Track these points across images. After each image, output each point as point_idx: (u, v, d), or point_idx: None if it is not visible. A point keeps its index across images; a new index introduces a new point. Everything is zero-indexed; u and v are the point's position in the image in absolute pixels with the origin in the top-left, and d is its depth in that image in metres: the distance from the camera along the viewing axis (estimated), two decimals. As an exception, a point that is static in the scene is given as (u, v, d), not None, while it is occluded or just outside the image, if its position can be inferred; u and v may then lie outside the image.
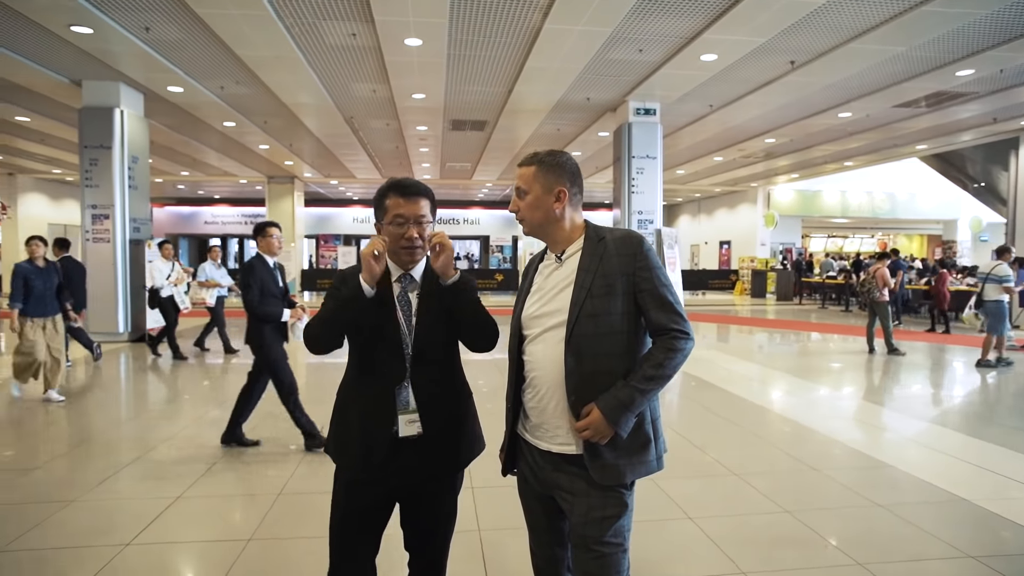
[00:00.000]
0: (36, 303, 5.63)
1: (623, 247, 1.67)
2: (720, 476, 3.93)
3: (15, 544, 2.95)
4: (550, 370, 1.66)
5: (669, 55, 8.14)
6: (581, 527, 1.64)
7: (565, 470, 1.68)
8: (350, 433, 1.85)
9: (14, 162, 16.67)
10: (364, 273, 1.75)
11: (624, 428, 1.60)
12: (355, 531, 1.85)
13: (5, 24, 7.00)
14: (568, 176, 1.72)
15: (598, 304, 1.63)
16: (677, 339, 1.62)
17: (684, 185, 21.60)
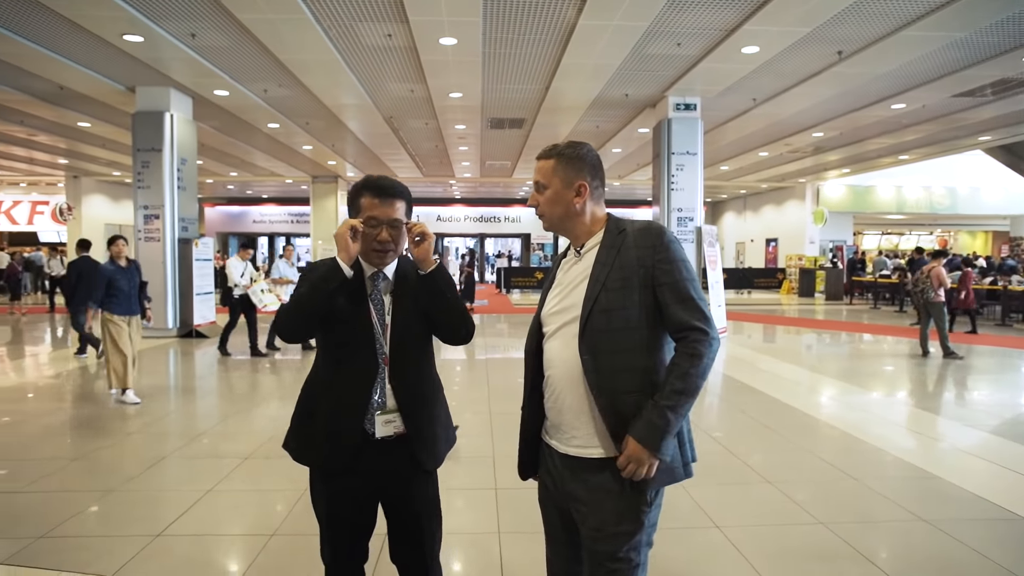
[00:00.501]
0: (122, 302, 5.63)
1: (642, 238, 1.59)
2: (752, 483, 3.79)
3: (56, 530, 3.09)
4: (565, 368, 1.60)
5: (708, 48, 7.92)
6: (592, 541, 1.58)
7: (582, 477, 1.60)
8: (314, 432, 1.82)
9: (78, 165, 17.58)
10: (341, 252, 1.73)
11: (665, 452, 1.50)
12: (344, 531, 1.85)
13: (66, 35, 7.36)
14: (589, 169, 1.65)
15: (613, 298, 1.55)
16: (699, 342, 1.51)
17: (728, 182, 21.05)
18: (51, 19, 6.89)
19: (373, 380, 1.79)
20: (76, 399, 6.16)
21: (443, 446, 1.95)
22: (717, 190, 24.17)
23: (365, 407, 1.78)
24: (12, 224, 22.24)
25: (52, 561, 2.79)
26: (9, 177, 20.03)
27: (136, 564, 2.75)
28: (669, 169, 10.10)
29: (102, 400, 5.93)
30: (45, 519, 3.22)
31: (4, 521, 3.22)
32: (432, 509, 1.94)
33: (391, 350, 1.82)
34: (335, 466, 1.79)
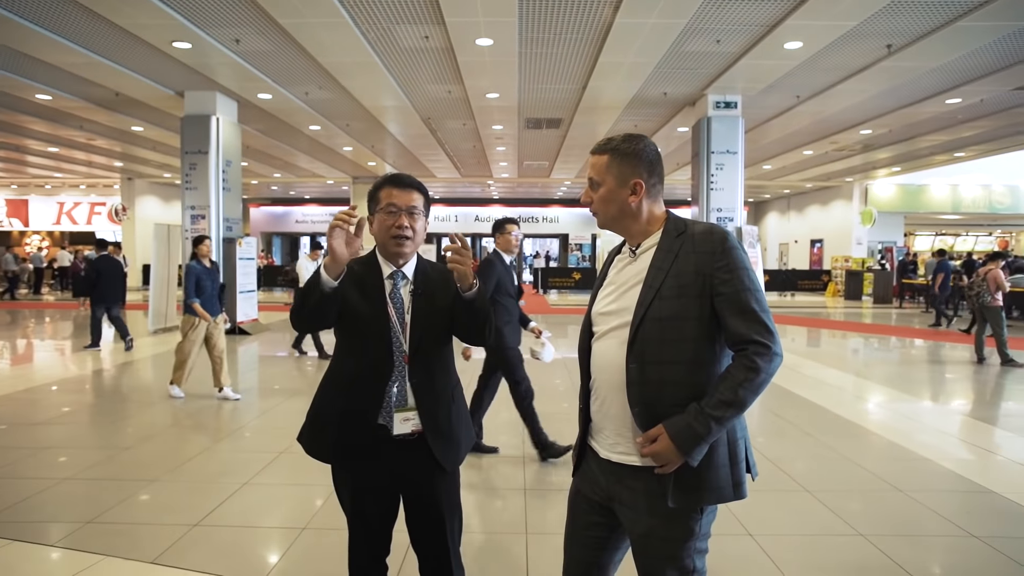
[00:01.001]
0: (206, 302, 5.71)
1: (702, 244, 1.47)
2: (789, 491, 3.68)
3: (103, 516, 3.23)
4: (611, 372, 1.53)
5: (749, 45, 7.74)
6: (642, 547, 1.53)
7: (626, 483, 1.52)
8: (328, 426, 1.84)
9: (132, 168, 18.36)
10: (327, 259, 1.69)
11: (694, 458, 1.43)
12: (367, 526, 1.87)
13: (119, 43, 7.70)
14: (646, 166, 1.54)
15: (667, 306, 1.45)
16: (760, 355, 1.40)
17: (772, 181, 20.54)
18: (108, 29, 7.21)
19: (391, 378, 1.80)
20: (128, 391, 6.43)
21: (463, 445, 1.94)
22: (760, 190, 23.61)
23: (381, 404, 1.79)
24: (72, 224, 23.40)
25: (97, 545, 2.91)
26: (70, 180, 21.07)
27: (173, 552, 2.84)
28: (708, 168, 9.91)
29: (151, 392, 6.17)
30: (94, 505, 3.37)
31: (58, 506, 3.38)
32: (452, 506, 1.94)
33: (411, 348, 1.82)
34: (343, 462, 1.81)
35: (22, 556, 2.83)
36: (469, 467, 3.95)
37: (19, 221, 23.11)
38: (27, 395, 6.01)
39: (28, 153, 16.08)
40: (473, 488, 3.64)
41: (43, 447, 4.42)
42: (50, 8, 6.66)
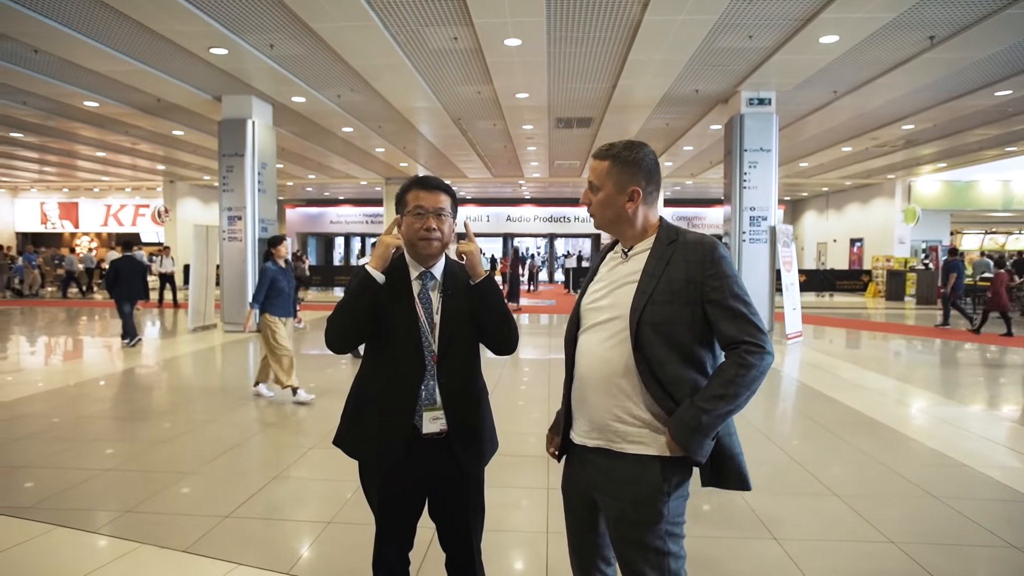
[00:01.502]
0: (282, 303, 5.63)
1: (692, 253, 1.55)
2: (817, 495, 3.60)
3: (141, 506, 3.36)
4: (591, 363, 1.62)
5: (783, 40, 7.58)
6: (616, 530, 1.60)
7: (600, 467, 1.62)
8: (366, 428, 1.88)
9: (174, 171, 18.98)
10: (375, 259, 1.78)
11: (698, 453, 1.50)
12: (393, 521, 1.90)
13: (159, 50, 7.98)
14: (644, 174, 1.61)
15: (659, 312, 1.53)
16: (751, 353, 1.48)
17: (809, 179, 20.05)
18: (148, 37, 7.48)
19: (421, 377, 1.83)
20: (168, 387, 6.65)
21: (487, 448, 1.98)
22: (797, 188, 23.08)
23: (414, 403, 1.83)
24: (119, 225, 24.31)
25: (135, 533, 3.03)
26: (117, 183, 21.89)
27: (205, 542, 2.94)
28: (741, 166, 9.74)
29: (190, 389, 6.37)
30: (134, 495, 3.51)
31: (101, 495, 3.53)
32: (476, 505, 1.98)
33: (440, 348, 1.85)
34: (387, 461, 1.84)
35: (66, 541, 2.97)
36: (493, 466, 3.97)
37: (70, 223, 24.13)
38: (76, 389, 6.28)
39: (78, 158, 16.78)
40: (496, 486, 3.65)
41: (90, 439, 4.62)
42: (95, 18, 6.95)
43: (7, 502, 3.40)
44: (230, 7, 6.65)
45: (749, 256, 9.80)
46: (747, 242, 9.78)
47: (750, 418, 5.28)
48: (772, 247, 9.72)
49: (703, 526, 3.18)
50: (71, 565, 2.73)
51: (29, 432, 4.78)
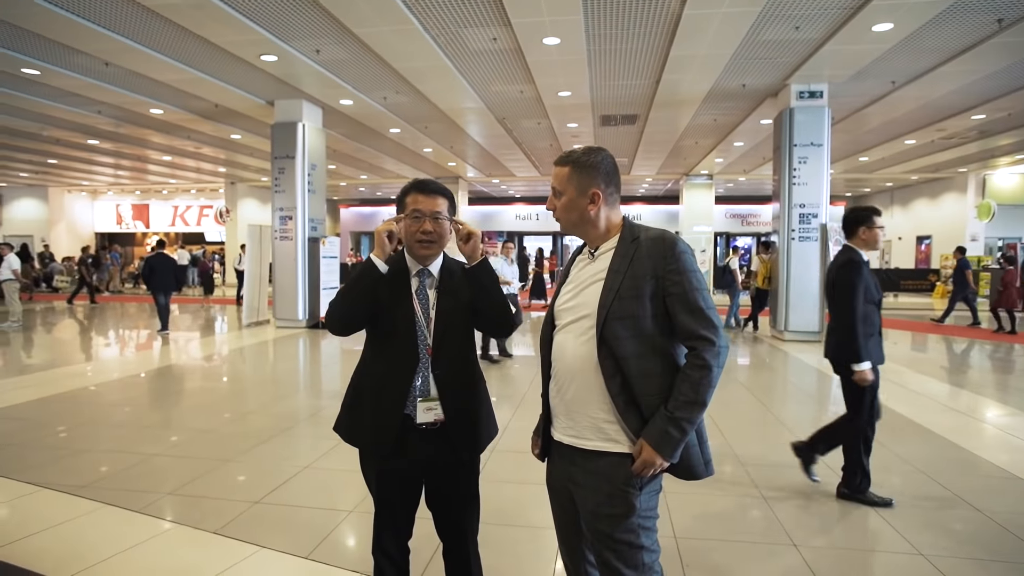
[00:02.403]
0: None
1: (654, 249, 1.63)
2: (847, 502, 3.47)
3: (180, 489, 3.58)
4: (567, 362, 1.68)
5: (832, 30, 7.28)
6: (590, 523, 1.65)
7: (577, 463, 1.68)
8: (362, 416, 1.97)
9: (234, 173, 19.87)
10: (376, 249, 1.87)
11: (672, 456, 1.58)
12: (390, 509, 1.98)
13: (214, 59, 8.39)
14: (603, 176, 1.70)
15: (626, 306, 1.60)
16: (706, 351, 1.57)
17: (871, 174, 19.14)
18: (204, 47, 7.89)
19: (415, 369, 1.92)
20: (217, 379, 7.01)
21: (483, 436, 2.05)
22: (858, 183, 22.08)
23: (407, 394, 1.91)
24: (185, 225, 25.66)
25: (171, 514, 3.24)
26: (183, 185, 23.09)
27: (234, 525, 3.11)
28: (790, 162, 9.41)
29: (236, 380, 6.68)
30: (174, 479, 3.74)
31: (147, 478, 3.78)
32: (469, 495, 2.05)
33: (435, 342, 1.94)
34: (381, 449, 1.93)
35: (112, 519, 3.20)
36: (503, 460, 4.02)
37: (142, 223, 25.63)
38: (136, 380, 6.70)
39: (148, 162, 17.81)
40: (508, 481, 3.70)
41: (142, 426, 4.93)
42: (158, 32, 7.39)
43: (66, 480, 3.69)
44: (278, 15, 6.93)
45: (798, 255, 9.46)
46: (796, 240, 9.44)
47: (784, 419, 5.13)
48: (823, 246, 9.35)
49: (719, 529, 3.13)
50: (112, 541, 2.94)
51: (92, 418, 5.15)
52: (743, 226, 25.73)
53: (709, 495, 3.55)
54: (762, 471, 3.95)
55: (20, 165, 18.32)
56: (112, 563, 2.74)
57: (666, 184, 22.63)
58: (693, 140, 14.40)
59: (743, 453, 4.31)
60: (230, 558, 2.79)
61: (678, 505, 3.38)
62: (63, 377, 6.72)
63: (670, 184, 22.41)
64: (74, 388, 6.17)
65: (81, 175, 20.63)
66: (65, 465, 3.99)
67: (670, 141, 14.53)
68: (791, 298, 9.48)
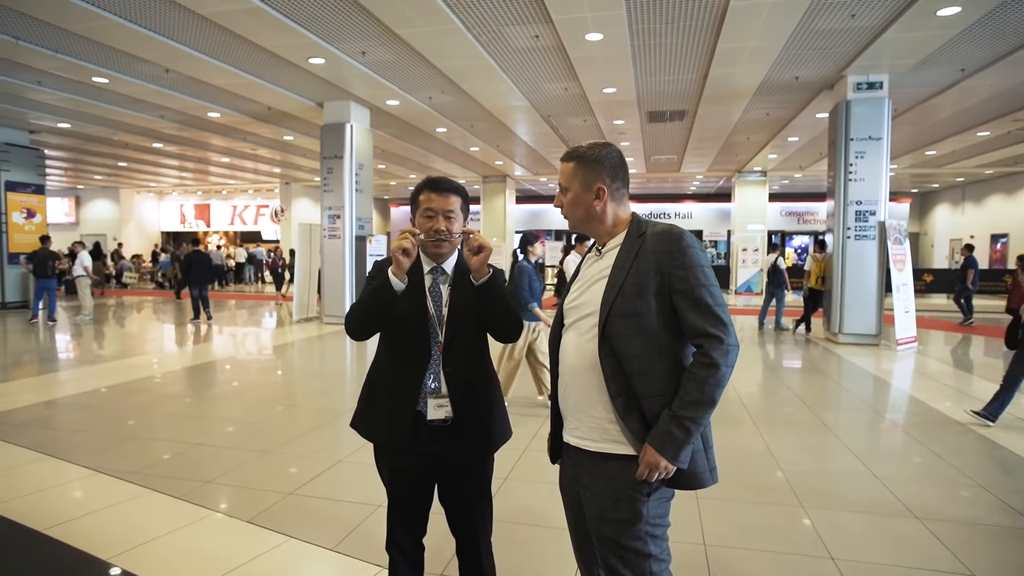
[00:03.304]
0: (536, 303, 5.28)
1: (659, 243, 1.57)
2: (892, 515, 3.28)
3: (219, 479, 3.72)
4: (571, 361, 1.65)
5: (893, 16, 6.90)
6: (596, 528, 1.61)
7: (585, 466, 1.64)
8: (377, 412, 1.99)
9: (289, 173, 20.54)
10: (393, 267, 1.86)
11: (681, 460, 1.51)
12: (402, 504, 1.99)
13: (265, 63, 8.68)
14: (608, 171, 1.65)
15: (629, 304, 1.55)
16: (715, 349, 1.49)
17: (939, 169, 18.10)
18: (256, 52, 8.17)
19: (427, 366, 1.92)
20: (264, 373, 7.25)
21: (495, 436, 2.03)
22: (926, 179, 20.93)
23: (419, 390, 1.92)
24: (243, 224, 26.70)
25: (209, 502, 3.36)
26: (241, 185, 24.04)
27: (266, 515, 3.21)
28: (846, 157, 8.99)
29: (283, 374, 6.89)
30: (214, 468, 3.89)
31: (191, 466, 3.94)
32: (480, 493, 2.04)
33: (446, 339, 1.93)
34: (396, 444, 1.94)
35: (155, 504, 3.35)
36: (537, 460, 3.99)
37: (203, 222, 26.82)
38: (189, 372, 7.01)
39: (209, 163, 18.62)
40: (538, 483, 3.67)
41: (190, 416, 5.16)
42: (213, 39, 7.71)
43: (120, 466, 3.89)
44: (324, 19, 7.10)
45: (854, 254, 9.03)
46: (852, 239, 9.01)
47: (834, 426, 4.90)
48: (881, 244, 8.90)
49: (753, 538, 3.01)
50: (153, 525, 3.07)
51: (148, 406, 5.41)
52: (799, 224, 24.83)
53: (745, 502, 3.43)
54: (804, 479, 3.79)
55: (95, 168, 19.48)
56: (151, 546, 2.86)
57: (717, 181, 22.05)
58: (745, 136, 13.97)
59: (785, 459, 4.14)
60: (260, 547, 2.87)
61: (711, 511, 3.28)
62: (126, 368, 7.09)
63: (721, 181, 21.83)
64: (135, 378, 6.50)
65: (149, 177, 21.76)
66: (120, 451, 4.21)
67: (720, 137, 14.15)
68: (846, 299, 9.06)
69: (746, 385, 6.57)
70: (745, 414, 5.32)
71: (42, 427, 4.77)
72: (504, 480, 3.70)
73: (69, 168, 19.68)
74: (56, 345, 9.01)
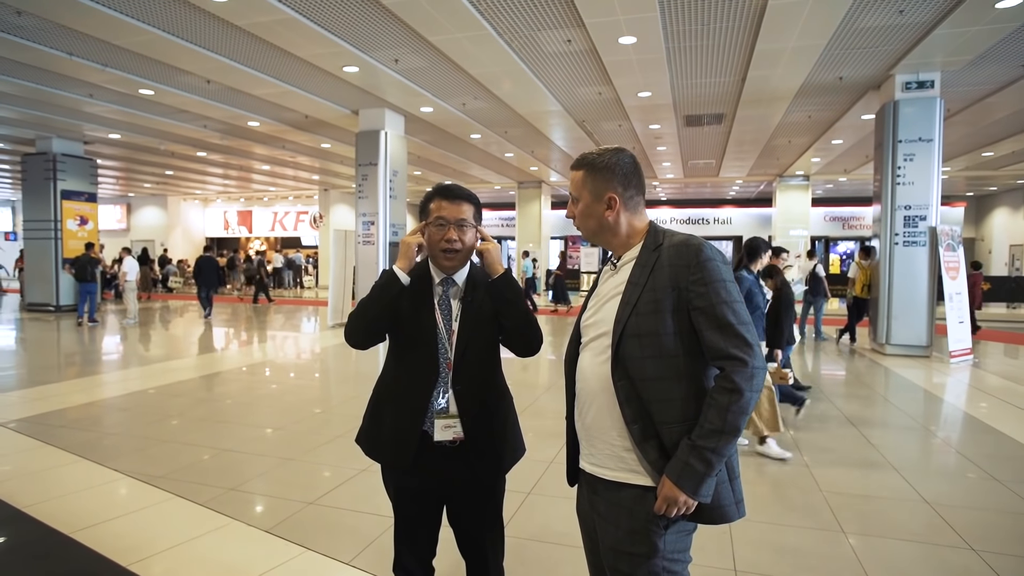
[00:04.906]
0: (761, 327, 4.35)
1: (677, 257, 1.45)
2: (944, 544, 3.04)
3: (242, 486, 3.72)
4: (588, 384, 1.53)
5: (944, 11, 6.56)
6: (610, 560, 1.50)
7: (601, 494, 1.53)
8: (381, 430, 1.90)
9: (327, 180, 20.92)
10: (400, 259, 1.79)
11: (702, 494, 1.38)
12: (409, 526, 1.91)
13: (301, 72, 8.83)
14: (620, 179, 1.54)
15: (643, 323, 1.43)
16: (737, 373, 1.36)
17: (997, 171, 17.23)
18: (292, 61, 8.32)
19: (435, 384, 1.83)
20: (292, 380, 7.32)
21: (506, 457, 1.93)
22: (983, 181, 19.96)
23: (425, 409, 1.83)
24: (283, 230, 27.33)
25: (231, 510, 3.36)
26: (281, 192, 24.62)
27: (286, 525, 3.18)
28: (894, 160, 8.59)
29: (317, 379, 6.94)
30: (238, 475, 3.89)
31: (215, 473, 3.96)
32: (492, 517, 1.95)
33: (456, 355, 1.84)
34: (400, 464, 1.86)
35: (178, 510, 3.37)
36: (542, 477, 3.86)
37: (246, 228, 27.56)
38: (222, 377, 7.13)
39: (251, 171, 19.12)
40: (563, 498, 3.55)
41: (219, 421, 5.21)
42: (251, 50, 7.88)
43: (147, 470, 3.93)
44: (356, 28, 7.16)
45: (902, 261, 8.61)
46: (900, 245, 8.59)
47: (880, 443, 4.63)
48: (932, 251, 8.46)
49: (787, 565, 2.83)
50: (174, 532, 3.08)
51: (180, 410, 5.50)
52: (844, 230, 23.98)
53: (781, 526, 3.24)
54: (846, 502, 3.57)
55: (144, 177, 20.23)
56: (170, 553, 2.86)
57: (758, 186, 21.48)
58: (786, 139, 13.56)
59: (825, 480, 3.92)
60: (277, 558, 2.84)
61: (744, 535, 3.10)
62: (164, 371, 7.26)
63: (762, 186, 21.26)
64: (171, 382, 6.64)
65: (194, 184, 22.48)
66: (150, 455, 4.27)
67: (760, 140, 13.77)
68: (894, 308, 8.64)
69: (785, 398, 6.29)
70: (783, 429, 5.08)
71: (79, 429, 4.89)
72: (527, 495, 3.60)
73: (121, 177, 20.49)
74: (99, 348, 9.31)
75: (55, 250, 13.55)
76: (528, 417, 5.26)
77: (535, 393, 6.21)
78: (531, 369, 7.56)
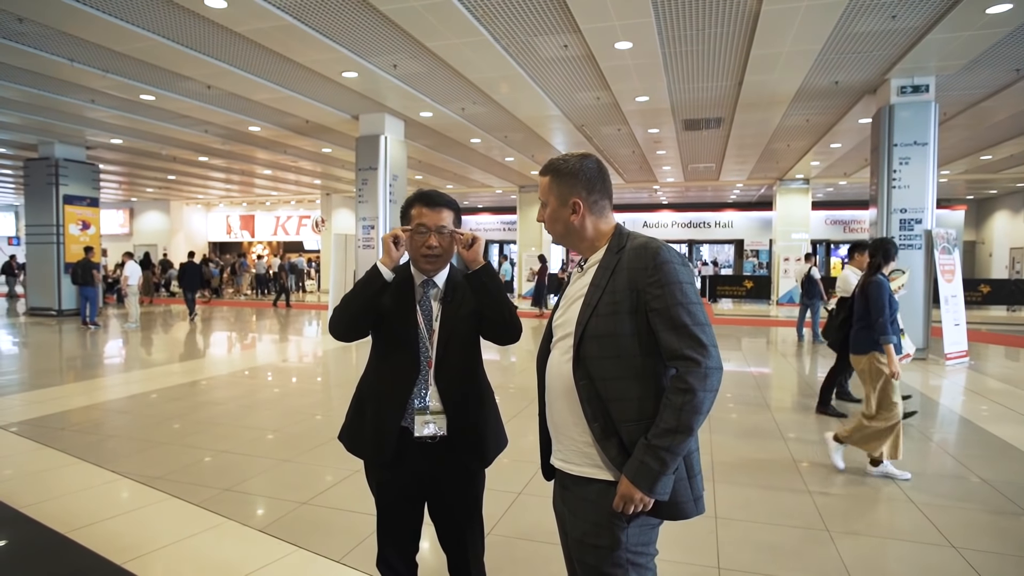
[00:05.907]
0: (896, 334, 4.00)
1: (635, 260, 1.50)
2: (927, 543, 3.07)
3: (238, 486, 3.77)
4: (553, 382, 1.60)
5: (937, 16, 6.61)
6: (576, 552, 1.56)
7: (568, 488, 1.59)
8: (363, 426, 1.96)
9: (329, 184, 21.01)
10: (383, 256, 1.86)
11: (658, 492, 1.42)
12: (391, 521, 1.96)
13: (301, 77, 8.90)
14: (584, 184, 1.59)
15: (602, 324, 1.48)
16: (691, 373, 1.40)
17: (997, 174, 17.24)
18: (292, 67, 8.40)
19: (414, 381, 1.89)
20: (287, 381, 7.37)
21: (490, 449, 1.99)
22: (983, 184, 19.96)
23: (406, 406, 1.89)
24: (285, 235, 27.43)
25: (226, 510, 3.41)
26: (284, 197, 24.72)
27: (279, 524, 3.23)
28: (890, 163, 8.63)
29: (305, 382, 6.99)
30: (235, 475, 3.94)
31: (211, 474, 4.01)
32: (471, 512, 2.00)
33: (436, 354, 1.90)
34: (382, 461, 1.92)
35: (174, 510, 3.42)
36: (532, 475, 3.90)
37: (248, 233, 27.68)
38: (222, 379, 7.18)
39: (253, 176, 19.22)
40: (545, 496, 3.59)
41: (216, 423, 5.26)
42: (251, 56, 7.95)
43: (144, 471, 3.99)
44: (354, 34, 7.24)
45: (898, 264, 8.61)
46: (896, 248, 8.61)
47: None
48: (928, 254, 8.49)
49: (771, 563, 2.87)
50: (169, 531, 3.13)
51: (179, 413, 5.55)
52: (845, 233, 24.00)
53: (768, 524, 3.28)
54: (834, 502, 3.60)
55: (146, 181, 20.35)
56: (165, 552, 2.91)
57: (759, 190, 21.51)
58: (785, 143, 13.61)
59: (815, 480, 3.95)
60: (268, 556, 2.88)
61: (730, 533, 3.14)
62: (163, 375, 7.32)
63: (763, 189, 21.29)
64: (170, 385, 6.70)
65: (197, 189, 22.59)
66: (148, 456, 4.32)
67: (759, 144, 13.81)
68: (891, 312, 8.64)
69: (779, 399, 6.33)
70: (776, 429, 5.12)
71: (78, 432, 4.95)
72: (518, 495, 3.64)
73: (124, 182, 20.61)
74: (100, 351, 9.37)
75: (57, 255, 13.65)
76: (525, 419, 5.30)
77: (531, 395, 6.25)
78: (529, 372, 7.61)
